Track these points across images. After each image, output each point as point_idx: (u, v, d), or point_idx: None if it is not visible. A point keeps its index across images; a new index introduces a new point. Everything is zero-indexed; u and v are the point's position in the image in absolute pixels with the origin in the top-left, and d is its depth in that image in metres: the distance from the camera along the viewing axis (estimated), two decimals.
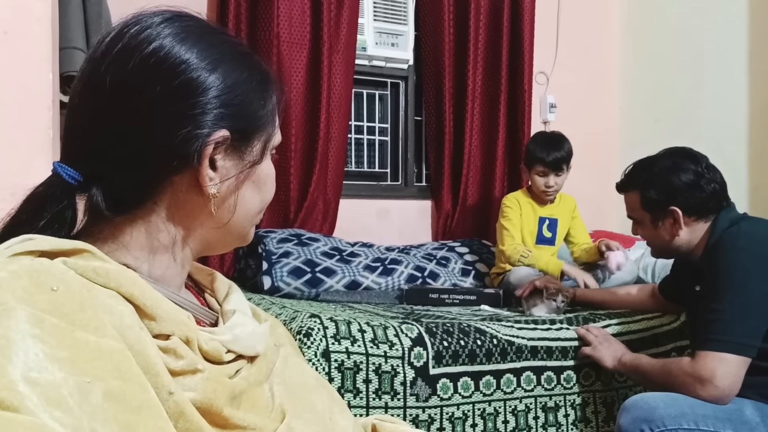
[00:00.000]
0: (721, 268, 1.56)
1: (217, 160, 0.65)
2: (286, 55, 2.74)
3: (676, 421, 1.47)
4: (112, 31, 0.64)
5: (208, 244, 0.70)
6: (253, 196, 0.70)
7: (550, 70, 3.40)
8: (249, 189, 0.69)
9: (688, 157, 1.70)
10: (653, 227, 1.74)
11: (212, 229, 0.68)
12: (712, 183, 1.67)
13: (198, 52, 0.64)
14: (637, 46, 3.49)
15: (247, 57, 0.69)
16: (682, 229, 1.68)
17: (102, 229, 0.64)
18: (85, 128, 0.63)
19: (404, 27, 3.10)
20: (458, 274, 2.67)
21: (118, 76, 0.62)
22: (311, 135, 2.78)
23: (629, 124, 3.50)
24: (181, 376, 0.57)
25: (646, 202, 1.72)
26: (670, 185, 1.68)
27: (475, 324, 1.84)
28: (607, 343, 1.84)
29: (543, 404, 1.85)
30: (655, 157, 1.76)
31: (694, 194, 1.66)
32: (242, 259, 2.63)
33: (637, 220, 1.80)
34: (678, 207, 1.67)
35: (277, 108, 0.72)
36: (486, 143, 3.18)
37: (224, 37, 0.68)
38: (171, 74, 0.62)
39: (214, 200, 0.65)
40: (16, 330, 0.49)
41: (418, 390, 1.67)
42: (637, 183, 1.75)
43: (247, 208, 0.69)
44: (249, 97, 0.67)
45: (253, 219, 0.71)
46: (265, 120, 0.69)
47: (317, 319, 1.65)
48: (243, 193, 0.68)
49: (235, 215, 0.68)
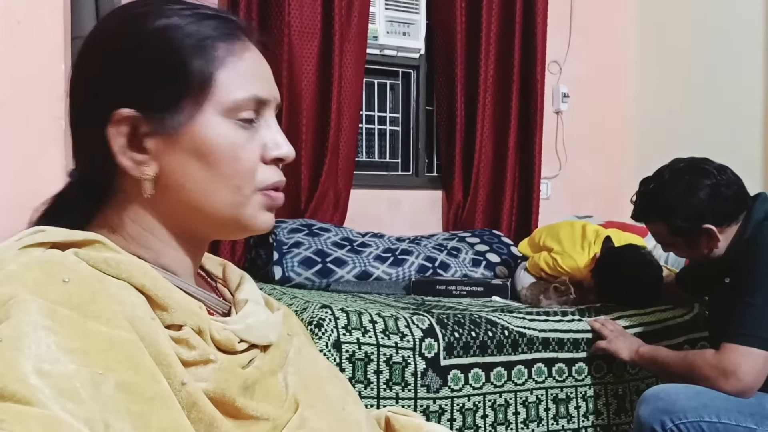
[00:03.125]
0: (759, 262, 1.53)
1: (145, 140, 0.61)
2: (297, 44, 2.72)
3: (697, 413, 1.45)
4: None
5: (199, 230, 0.66)
6: (198, 169, 0.61)
7: (563, 60, 3.37)
8: (186, 162, 0.61)
9: (697, 171, 1.65)
10: (689, 248, 1.71)
11: (186, 215, 0.64)
12: (731, 186, 1.63)
13: (116, 32, 0.64)
14: (651, 34, 3.44)
15: (179, 14, 0.62)
16: (719, 240, 1.64)
17: (99, 224, 0.64)
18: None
19: (416, 16, 3.07)
20: (469, 264, 2.66)
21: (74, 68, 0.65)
22: (322, 125, 2.77)
23: (642, 114, 3.47)
24: (194, 367, 0.57)
25: (675, 230, 1.67)
26: (693, 209, 1.62)
27: (486, 315, 1.83)
28: (622, 336, 1.82)
29: (554, 396, 1.84)
30: (664, 181, 1.69)
31: (720, 206, 1.62)
32: (253, 249, 2.64)
33: (668, 245, 1.76)
34: (710, 224, 1.62)
35: (230, 60, 0.62)
36: (498, 133, 3.15)
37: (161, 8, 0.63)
38: (92, 55, 0.63)
39: (145, 183, 0.61)
40: (27, 322, 0.49)
41: (429, 381, 1.67)
42: (657, 215, 1.70)
43: (197, 185, 0.61)
44: (155, 67, 0.61)
45: (224, 199, 0.62)
46: (190, 80, 0.60)
47: (328, 309, 1.65)
48: (176, 168, 0.61)
49: (187, 195, 0.62)
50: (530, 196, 3.17)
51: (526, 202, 3.19)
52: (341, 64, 2.78)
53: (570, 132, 3.39)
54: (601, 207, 3.20)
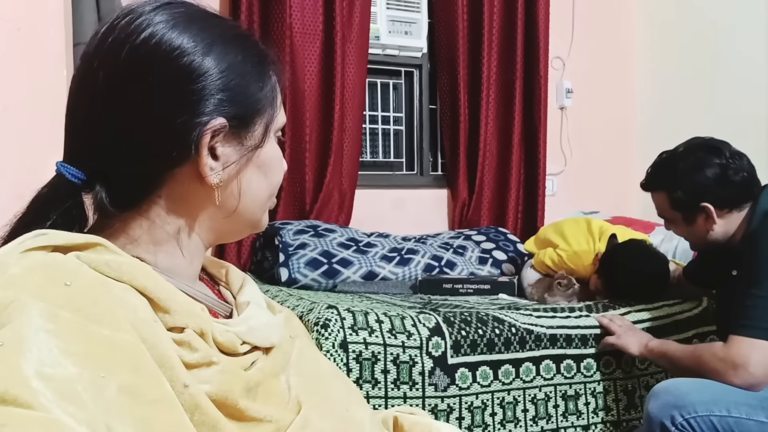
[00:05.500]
0: (764, 253, 1.52)
1: (217, 147, 0.63)
2: (299, 45, 2.73)
3: (707, 408, 1.44)
4: (103, 25, 0.63)
5: (219, 233, 0.68)
6: (259, 181, 0.67)
7: (566, 55, 3.36)
8: (253, 174, 0.66)
9: (711, 149, 1.65)
10: (686, 225, 1.71)
11: (220, 218, 0.66)
12: (740, 172, 1.62)
13: (190, 38, 0.62)
14: (655, 27, 3.42)
15: (241, 39, 0.66)
16: (716, 223, 1.64)
17: (112, 224, 0.63)
18: (83, 126, 0.63)
19: (417, 14, 3.07)
20: (475, 262, 2.66)
21: (110, 70, 0.60)
22: (325, 126, 2.77)
23: (648, 108, 3.45)
24: (196, 369, 0.57)
25: (675, 202, 1.69)
26: (697, 184, 1.63)
27: (493, 313, 1.82)
28: (631, 331, 1.81)
29: (563, 392, 1.83)
30: (677, 153, 1.71)
31: (724, 188, 1.62)
32: (259, 251, 2.64)
33: (668, 219, 1.77)
34: (709, 203, 1.63)
35: (278, 89, 0.69)
36: (502, 130, 3.14)
37: (216, 21, 0.66)
38: (164, 63, 0.60)
39: (217, 190, 0.63)
40: (29, 325, 0.49)
41: (437, 380, 1.67)
42: (662, 184, 1.71)
43: (253, 194, 0.67)
44: (245, 81, 0.64)
45: (263, 205, 0.69)
46: (264, 102, 0.66)
47: (334, 310, 1.64)
48: (247, 180, 0.66)
49: (242, 202, 0.66)
50: (535, 193, 3.16)
51: (531, 199, 3.18)
52: (343, 65, 2.78)
53: (575, 128, 3.38)
54: (607, 203, 3.18)
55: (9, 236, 0.60)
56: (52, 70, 1.48)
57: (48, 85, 1.46)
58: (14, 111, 1.39)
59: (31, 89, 1.44)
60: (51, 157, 0.65)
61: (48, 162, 0.62)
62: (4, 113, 1.36)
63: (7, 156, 1.35)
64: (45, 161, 1.29)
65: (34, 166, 1.28)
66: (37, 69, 1.46)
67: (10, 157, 1.35)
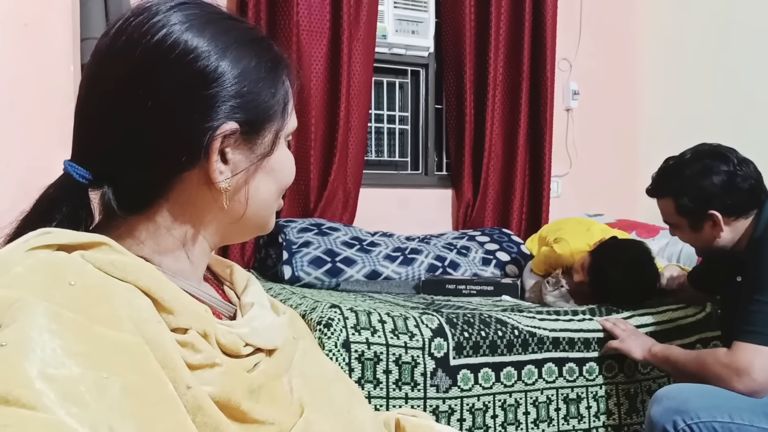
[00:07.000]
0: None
1: (228, 152, 0.62)
2: (306, 43, 2.72)
3: (709, 414, 1.43)
4: (116, 22, 0.62)
5: (225, 235, 0.68)
6: (268, 186, 0.67)
7: (573, 57, 3.35)
8: (262, 180, 0.66)
9: (718, 156, 1.64)
10: (692, 231, 1.69)
11: (227, 222, 0.66)
12: (747, 180, 1.61)
13: (205, 41, 0.61)
14: (662, 29, 3.41)
15: (256, 43, 0.65)
16: (723, 230, 1.63)
17: (118, 226, 0.63)
18: (92, 126, 0.62)
19: (425, 14, 3.06)
20: (479, 263, 2.65)
21: (122, 70, 0.60)
22: (331, 124, 2.77)
23: (654, 111, 3.44)
24: (199, 370, 0.57)
25: (682, 209, 1.67)
26: (703, 191, 1.62)
27: (496, 315, 1.82)
28: (634, 335, 1.81)
29: (565, 396, 1.83)
30: (684, 159, 1.70)
31: (731, 195, 1.61)
32: (263, 249, 2.64)
33: (674, 225, 1.75)
34: (716, 210, 1.62)
35: (291, 94, 0.68)
36: (507, 131, 3.14)
37: (232, 23, 0.65)
38: (178, 66, 0.60)
39: (225, 194, 0.63)
40: (32, 325, 0.49)
41: (439, 381, 1.67)
42: (668, 190, 1.70)
43: (261, 198, 0.67)
44: (258, 87, 0.64)
45: (270, 208, 0.69)
46: (275, 109, 0.66)
47: (337, 309, 1.64)
48: (255, 186, 0.66)
49: (250, 207, 0.66)
50: (540, 195, 3.16)
51: (536, 200, 3.18)
52: (350, 63, 2.78)
53: (581, 129, 3.37)
54: (612, 205, 3.17)
55: (14, 234, 0.60)
56: (59, 65, 1.48)
57: (55, 80, 1.46)
58: (21, 106, 1.39)
59: (38, 84, 1.44)
60: (58, 154, 0.64)
61: (55, 159, 0.62)
62: (10, 108, 1.36)
63: (13, 151, 1.35)
64: (52, 158, 1.29)
65: (41, 162, 1.28)
66: (44, 64, 1.46)
67: (16, 152, 1.35)
